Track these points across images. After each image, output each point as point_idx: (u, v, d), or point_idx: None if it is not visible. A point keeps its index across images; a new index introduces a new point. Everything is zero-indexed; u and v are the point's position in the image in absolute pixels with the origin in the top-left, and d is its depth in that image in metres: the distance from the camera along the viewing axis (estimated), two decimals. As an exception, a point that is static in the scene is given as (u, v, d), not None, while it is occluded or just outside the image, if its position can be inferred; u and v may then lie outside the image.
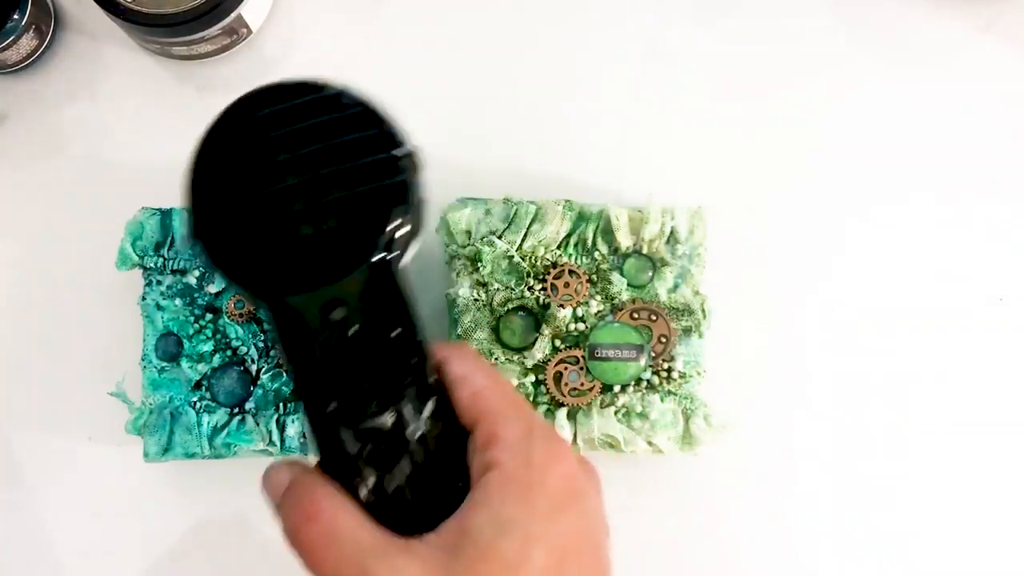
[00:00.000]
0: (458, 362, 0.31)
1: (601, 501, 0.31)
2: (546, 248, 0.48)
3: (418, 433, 0.30)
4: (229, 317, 0.47)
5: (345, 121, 0.31)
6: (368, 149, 0.30)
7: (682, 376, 0.47)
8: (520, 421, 0.30)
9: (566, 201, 0.48)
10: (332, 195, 0.30)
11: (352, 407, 0.30)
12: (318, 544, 0.28)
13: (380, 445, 0.30)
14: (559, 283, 0.48)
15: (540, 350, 0.47)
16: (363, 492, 0.30)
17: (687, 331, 0.48)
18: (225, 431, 0.47)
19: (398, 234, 0.30)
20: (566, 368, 0.47)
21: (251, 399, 0.47)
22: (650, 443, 0.47)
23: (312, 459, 0.32)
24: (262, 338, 0.47)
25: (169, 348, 0.48)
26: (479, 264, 0.48)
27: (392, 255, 0.30)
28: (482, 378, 0.31)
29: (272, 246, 0.29)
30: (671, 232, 0.48)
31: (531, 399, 0.48)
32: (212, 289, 0.47)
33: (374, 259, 0.30)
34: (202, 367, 0.47)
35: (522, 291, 0.48)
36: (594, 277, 0.48)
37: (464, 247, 0.48)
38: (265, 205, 0.30)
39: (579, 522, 0.30)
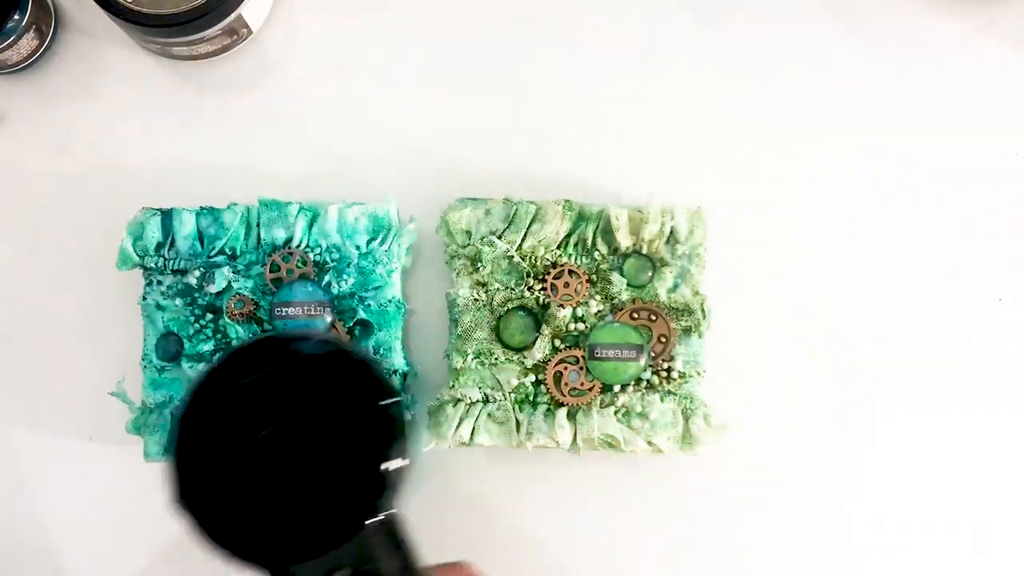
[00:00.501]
0: None
1: None
2: (546, 248, 0.48)
3: None
4: (229, 317, 0.47)
5: (325, 381, 0.31)
6: (354, 409, 0.31)
7: (682, 376, 0.47)
8: None
9: (566, 201, 0.48)
10: (324, 464, 0.30)
11: None
12: None
13: None
14: (559, 283, 0.48)
15: (540, 350, 0.47)
16: None
17: (687, 331, 0.48)
18: (225, 431, 0.47)
19: (396, 487, 0.31)
20: (566, 368, 0.47)
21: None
22: (650, 443, 0.47)
23: None
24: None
25: (169, 348, 0.48)
26: (479, 264, 0.48)
27: (391, 510, 0.31)
28: None
29: (267, 519, 0.29)
30: (671, 232, 0.48)
31: (531, 399, 0.48)
32: (212, 289, 0.47)
33: (375, 520, 0.30)
34: (202, 367, 0.47)
35: (522, 291, 0.48)
36: (594, 277, 0.48)
37: (464, 247, 0.48)
38: (255, 479, 0.30)
39: None
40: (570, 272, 0.48)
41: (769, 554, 0.50)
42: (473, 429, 0.47)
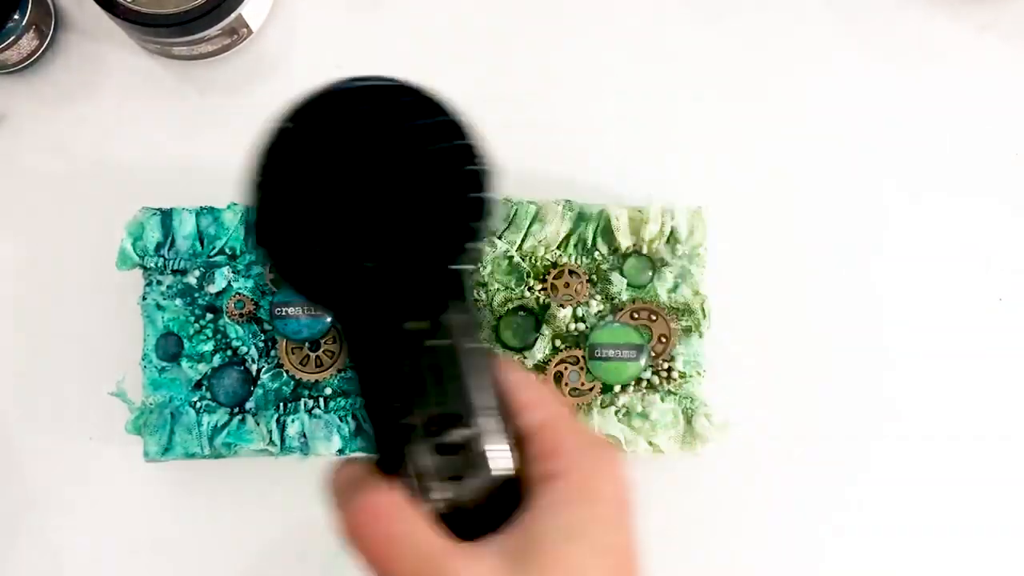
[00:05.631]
0: (510, 370, 0.32)
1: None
2: (546, 248, 0.48)
3: (491, 445, 0.30)
4: (229, 317, 0.47)
5: (430, 129, 0.30)
6: (453, 160, 0.30)
7: (682, 376, 0.47)
8: (578, 432, 0.31)
9: (566, 201, 0.48)
10: (413, 209, 0.29)
11: (429, 422, 0.29)
12: (385, 543, 0.29)
13: (452, 459, 0.30)
14: (559, 283, 0.48)
15: (540, 350, 0.47)
16: (432, 503, 0.30)
17: (687, 331, 0.48)
18: (225, 431, 0.47)
19: (478, 246, 0.29)
20: (566, 368, 0.47)
21: (251, 399, 0.47)
22: (650, 443, 0.47)
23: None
24: (262, 338, 0.47)
25: (169, 348, 0.48)
26: (479, 264, 0.48)
27: (471, 265, 0.29)
28: (536, 388, 0.32)
29: (353, 264, 0.28)
30: (671, 232, 0.48)
31: (531, 399, 0.48)
32: (212, 289, 0.47)
33: (456, 267, 0.29)
34: (202, 367, 0.47)
35: (522, 291, 0.48)
36: (594, 277, 0.48)
37: (464, 247, 0.48)
38: (345, 220, 0.29)
39: (633, 533, 0.31)
40: (570, 272, 0.48)
41: (769, 554, 0.50)
42: (473, 429, 0.47)
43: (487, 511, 0.30)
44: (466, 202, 0.29)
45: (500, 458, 0.30)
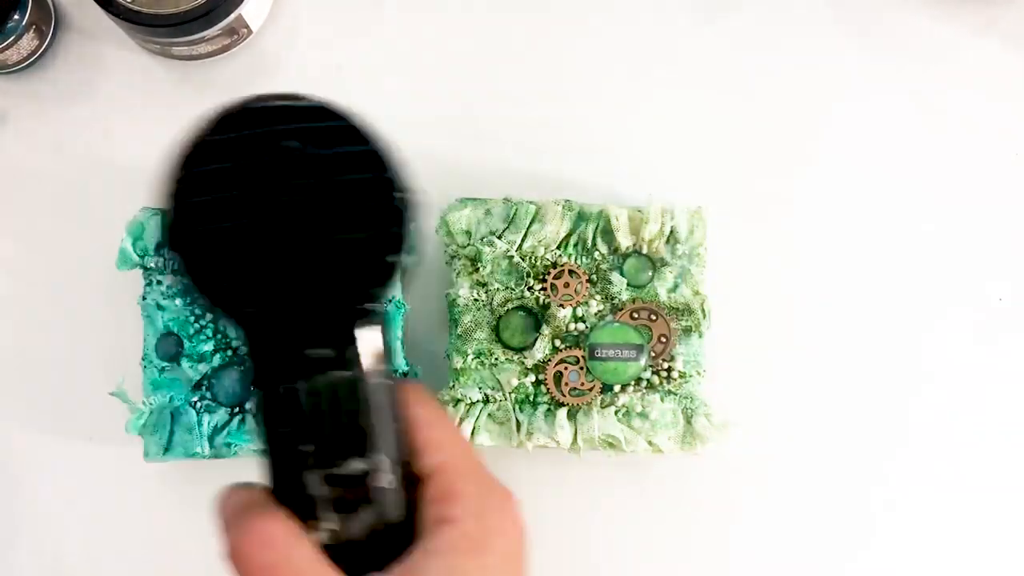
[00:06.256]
0: (419, 406, 0.31)
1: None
2: (546, 248, 0.48)
3: (386, 481, 0.30)
4: (229, 317, 0.47)
5: (347, 158, 0.29)
6: (368, 190, 0.29)
7: (682, 376, 0.47)
8: (478, 479, 0.31)
9: (566, 201, 0.48)
10: (327, 238, 0.28)
11: (325, 451, 0.29)
12: (268, 570, 0.29)
13: (346, 491, 0.29)
14: (559, 283, 0.48)
15: (540, 350, 0.47)
16: (320, 533, 0.29)
17: (687, 331, 0.48)
18: (225, 431, 0.47)
19: (393, 280, 0.29)
20: (566, 368, 0.47)
21: (251, 399, 0.47)
22: (650, 443, 0.47)
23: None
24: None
25: (169, 348, 0.48)
26: (479, 264, 0.48)
27: (381, 299, 0.29)
28: (442, 427, 0.31)
29: (260, 278, 0.28)
30: (671, 232, 0.48)
31: (531, 399, 0.48)
32: (212, 289, 0.47)
33: (364, 305, 0.29)
34: (202, 367, 0.47)
35: (522, 291, 0.48)
36: (594, 277, 0.48)
37: (464, 247, 0.48)
38: (252, 240, 0.28)
39: None
40: (570, 272, 0.48)
41: (769, 554, 0.50)
42: (473, 429, 0.47)
43: (376, 548, 0.30)
44: (378, 237, 0.29)
45: (393, 495, 0.30)
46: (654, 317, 0.48)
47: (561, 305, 0.47)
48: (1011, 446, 0.51)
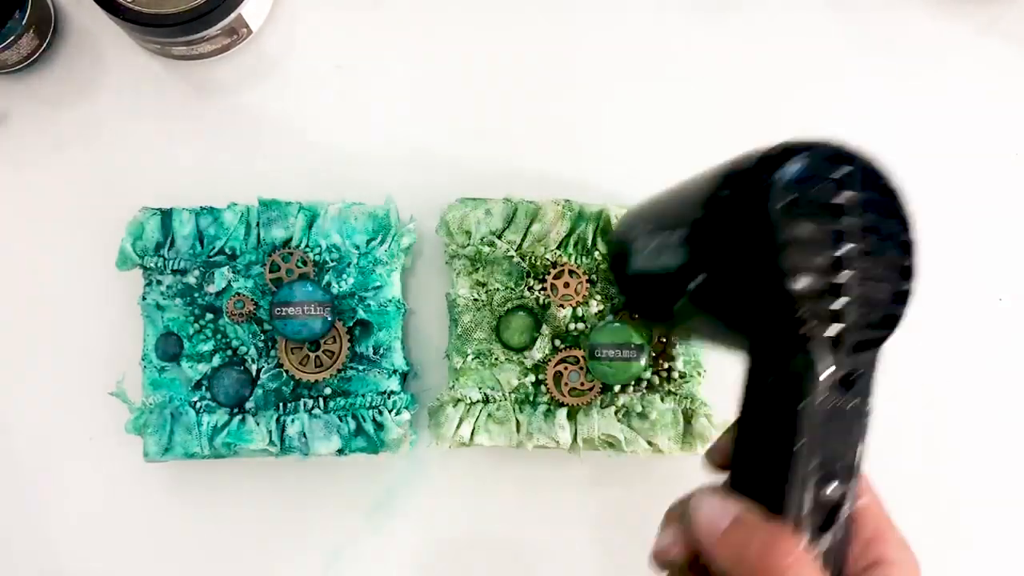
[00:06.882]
0: None
1: None
2: (546, 248, 0.48)
3: (850, 509, 0.31)
4: (229, 317, 0.47)
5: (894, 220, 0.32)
6: (902, 252, 0.31)
7: (682, 376, 0.47)
8: (894, 526, 0.34)
9: (566, 201, 0.48)
10: (890, 279, 0.31)
11: (825, 471, 0.30)
12: None
13: (825, 513, 0.30)
14: (559, 283, 0.48)
15: (540, 350, 0.47)
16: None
17: (687, 331, 0.48)
18: (225, 431, 0.47)
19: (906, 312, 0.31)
20: (566, 368, 0.47)
21: (251, 399, 0.47)
22: (650, 443, 0.47)
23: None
24: (262, 338, 0.47)
25: (169, 348, 0.48)
26: (479, 264, 0.48)
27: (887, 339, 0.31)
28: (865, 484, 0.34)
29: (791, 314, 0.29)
30: (671, 232, 0.48)
31: (531, 399, 0.48)
32: (212, 289, 0.47)
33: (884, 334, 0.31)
34: (202, 367, 0.47)
35: (522, 291, 0.48)
36: (594, 277, 0.48)
37: (464, 247, 0.48)
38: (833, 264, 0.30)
39: None
40: (570, 272, 0.48)
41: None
42: (473, 429, 0.47)
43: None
44: (902, 279, 0.32)
45: (850, 524, 0.31)
46: (654, 317, 0.48)
47: (561, 305, 0.47)
48: (1011, 446, 0.51)
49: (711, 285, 0.31)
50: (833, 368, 0.30)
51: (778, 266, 0.28)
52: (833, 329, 0.29)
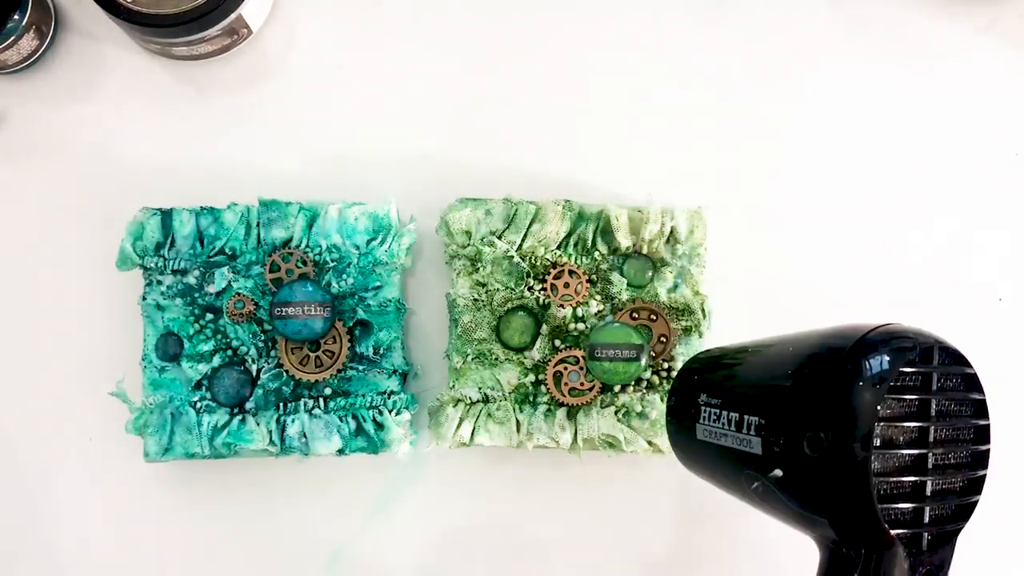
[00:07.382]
0: None
1: None
2: (546, 248, 0.48)
3: None
4: (229, 317, 0.47)
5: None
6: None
7: (682, 376, 0.47)
8: None
9: (566, 201, 0.48)
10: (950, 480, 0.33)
11: None
12: None
13: None
14: (559, 283, 0.48)
15: (540, 350, 0.47)
16: None
17: (687, 331, 0.48)
18: (225, 431, 0.47)
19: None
20: (566, 368, 0.47)
21: (251, 399, 0.47)
22: (650, 443, 0.47)
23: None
24: (262, 338, 0.47)
25: (169, 348, 0.48)
26: (479, 264, 0.48)
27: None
28: None
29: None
30: (671, 232, 0.48)
31: (531, 399, 0.48)
32: (212, 289, 0.47)
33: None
34: (202, 367, 0.47)
35: (522, 291, 0.48)
36: (594, 277, 0.48)
37: (464, 247, 0.48)
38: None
39: None
40: (570, 272, 0.48)
41: (769, 553, 0.50)
42: (473, 429, 0.47)
43: None
44: (979, 480, 0.34)
45: None
46: (654, 317, 0.48)
47: (561, 305, 0.47)
48: (1011, 446, 0.51)
49: (789, 478, 0.33)
50: (913, 570, 0.32)
51: (859, 466, 0.30)
52: (912, 529, 0.31)
